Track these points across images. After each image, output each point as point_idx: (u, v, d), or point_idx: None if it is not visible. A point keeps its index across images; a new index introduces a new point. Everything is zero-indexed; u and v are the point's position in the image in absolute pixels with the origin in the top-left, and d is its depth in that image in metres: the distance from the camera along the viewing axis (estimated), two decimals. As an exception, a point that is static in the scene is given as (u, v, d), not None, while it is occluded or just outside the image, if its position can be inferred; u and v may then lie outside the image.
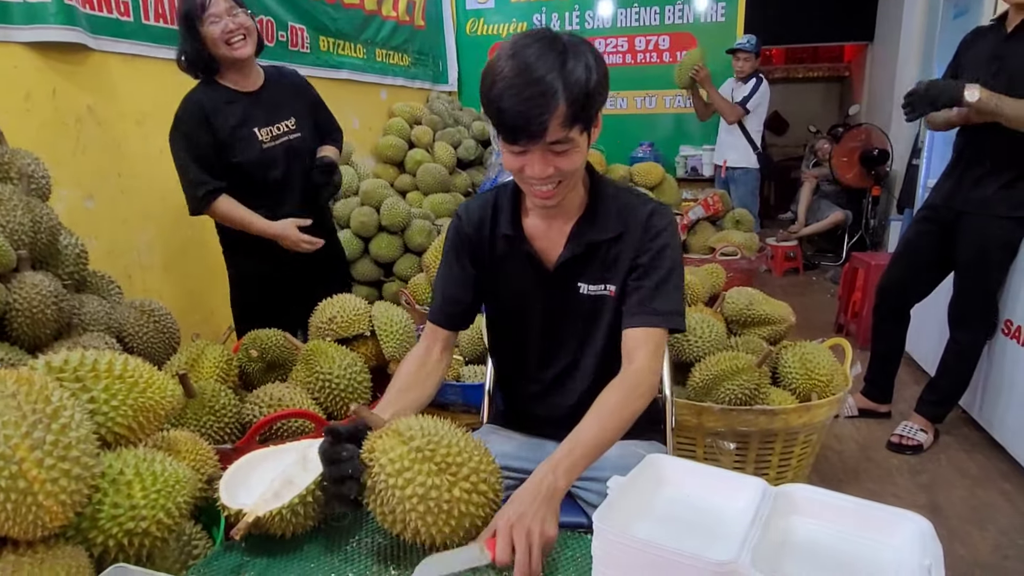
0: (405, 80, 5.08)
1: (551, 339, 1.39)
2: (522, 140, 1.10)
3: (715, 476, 0.97)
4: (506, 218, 1.33)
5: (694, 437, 2.18)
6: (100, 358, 1.06)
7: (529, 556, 0.93)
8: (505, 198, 1.34)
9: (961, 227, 2.61)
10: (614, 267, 1.30)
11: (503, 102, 1.08)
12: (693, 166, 5.96)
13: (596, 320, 1.35)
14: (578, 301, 1.33)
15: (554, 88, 1.06)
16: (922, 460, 2.73)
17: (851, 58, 8.62)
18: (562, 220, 1.31)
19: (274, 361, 2.00)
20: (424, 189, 4.42)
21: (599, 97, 1.13)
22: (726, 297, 2.47)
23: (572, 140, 1.12)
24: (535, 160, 1.13)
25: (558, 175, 1.16)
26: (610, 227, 1.29)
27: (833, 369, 2.19)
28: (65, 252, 1.81)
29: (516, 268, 1.35)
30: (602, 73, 1.13)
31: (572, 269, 1.31)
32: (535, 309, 1.37)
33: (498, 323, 1.48)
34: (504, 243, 1.34)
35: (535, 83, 1.05)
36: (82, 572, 0.87)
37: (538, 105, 1.06)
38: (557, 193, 1.20)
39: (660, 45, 5.79)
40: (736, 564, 0.74)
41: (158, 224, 2.90)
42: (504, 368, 1.54)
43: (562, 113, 1.07)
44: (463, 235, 1.37)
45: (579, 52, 1.10)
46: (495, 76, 1.09)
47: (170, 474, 1.01)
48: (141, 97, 2.78)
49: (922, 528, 0.82)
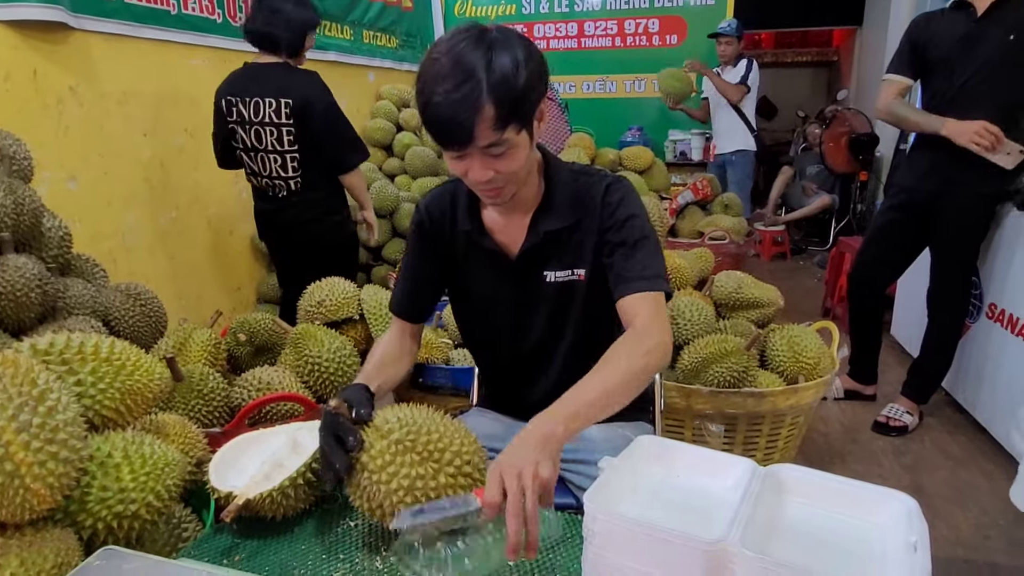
0: (393, 62, 5.03)
1: (520, 330, 1.37)
2: (453, 147, 1.08)
3: (705, 457, 0.98)
4: (463, 214, 1.31)
5: (682, 419, 2.19)
6: (86, 341, 1.05)
7: (522, 497, 0.84)
8: (462, 192, 1.31)
9: (938, 207, 2.63)
10: (579, 251, 1.29)
11: (429, 111, 1.05)
12: (682, 150, 5.96)
13: (566, 307, 1.33)
14: (544, 289, 1.31)
15: (477, 92, 1.01)
16: (906, 441, 2.77)
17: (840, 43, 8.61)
18: (520, 212, 1.29)
19: (263, 345, 1.99)
20: (412, 173, 4.39)
21: (532, 94, 1.08)
22: (715, 280, 2.49)
23: (508, 141, 1.07)
24: (474, 164, 1.10)
25: (500, 178, 1.12)
26: (567, 214, 1.27)
27: (820, 352, 2.21)
28: (49, 235, 1.79)
29: (480, 262, 1.34)
30: (534, 68, 1.07)
31: (535, 259, 1.29)
32: (503, 301, 1.35)
33: (467, 316, 1.47)
34: (464, 238, 1.32)
35: (456, 88, 1.01)
36: (71, 555, 0.87)
37: (463, 111, 1.02)
38: (504, 192, 1.17)
39: (650, 28, 5.76)
40: (726, 542, 0.75)
41: (143, 206, 2.87)
42: (478, 358, 1.55)
43: (490, 116, 1.03)
44: (425, 230, 1.35)
45: (507, 47, 1.04)
46: (421, 86, 1.06)
47: (159, 457, 1.01)
48: (124, 77, 2.73)
49: (908, 506, 0.83)
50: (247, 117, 2.48)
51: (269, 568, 0.98)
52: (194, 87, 3.08)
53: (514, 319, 1.36)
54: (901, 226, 2.80)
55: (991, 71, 2.42)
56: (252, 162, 2.57)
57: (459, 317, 1.49)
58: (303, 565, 0.98)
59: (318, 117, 2.47)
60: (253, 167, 2.58)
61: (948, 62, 2.50)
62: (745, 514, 0.80)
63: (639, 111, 5.97)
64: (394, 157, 4.50)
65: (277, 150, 2.50)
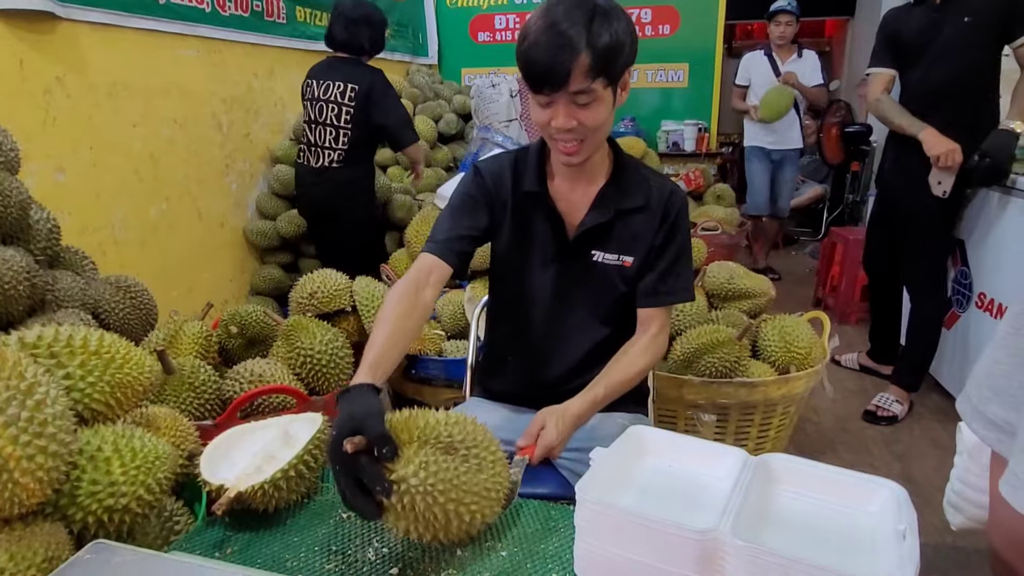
0: (384, 52, 4.98)
1: (557, 302, 1.39)
2: (546, 88, 1.16)
3: (696, 446, 0.98)
4: (531, 176, 1.34)
5: (675, 409, 2.20)
6: (75, 334, 1.04)
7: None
8: (529, 158, 1.36)
9: (901, 195, 2.79)
10: (633, 239, 1.34)
11: (530, 53, 1.14)
12: (675, 141, 5.95)
13: (604, 289, 1.37)
14: (591, 268, 1.35)
15: (578, 40, 1.11)
16: (896, 431, 2.79)
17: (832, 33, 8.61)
18: (586, 182, 1.34)
19: (254, 337, 1.98)
20: (405, 164, 4.36)
21: (624, 54, 1.16)
22: (707, 271, 2.49)
23: (594, 92, 1.15)
24: (559, 112, 1.17)
25: (582, 129, 1.19)
26: (636, 196, 1.33)
27: (812, 342, 2.22)
28: (37, 227, 1.77)
29: (535, 228, 1.37)
30: (629, 35, 1.17)
31: (591, 234, 1.33)
32: (547, 271, 1.38)
33: (504, 284, 1.47)
34: (527, 200, 1.35)
35: (560, 35, 1.11)
36: (61, 549, 0.86)
37: (561, 54, 1.11)
38: (582, 150, 1.23)
39: (643, 18, 5.73)
40: (717, 532, 0.75)
41: (132, 198, 2.84)
42: (499, 330, 1.53)
43: (584, 63, 1.12)
44: (482, 188, 1.37)
45: (608, 15, 1.14)
46: (526, 32, 1.16)
47: (150, 450, 1.00)
48: (113, 68, 2.70)
49: (897, 495, 0.83)
50: (316, 95, 3.04)
51: (261, 561, 0.98)
52: (184, 78, 3.05)
53: (553, 290, 1.38)
54: (885, 216, 2.96)
55: (951, 55, 2.53)
56: (310, 133, 3.08)
57: (497, 280, 1.50)
58: (295, 557, 0.98)
59: (379, 103, 3.04)
60: (310, 137, 3.09)
61: (915, 52, 2.63)
62: (736, 503, 0.81)
63: (632, 102, 5.95)
64: (386, 148, 4.46)
65: (334, 124, 3.03)
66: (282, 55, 3.81)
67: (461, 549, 0.98)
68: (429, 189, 4.17)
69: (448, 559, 0.96)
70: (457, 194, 1.39)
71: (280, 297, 3.71)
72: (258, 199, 3.73)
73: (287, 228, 3.65)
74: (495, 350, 1.56)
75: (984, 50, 2.52)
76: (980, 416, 0.84)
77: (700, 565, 0.76)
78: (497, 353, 1.55)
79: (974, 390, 0.86)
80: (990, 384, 0.82)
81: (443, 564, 0.95)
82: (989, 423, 0.82)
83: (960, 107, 2.56)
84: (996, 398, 0.81)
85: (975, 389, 0.86)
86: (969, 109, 2.56)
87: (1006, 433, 0.77)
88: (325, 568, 0.95)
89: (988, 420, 0.82)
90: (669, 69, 5.61)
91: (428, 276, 1.26)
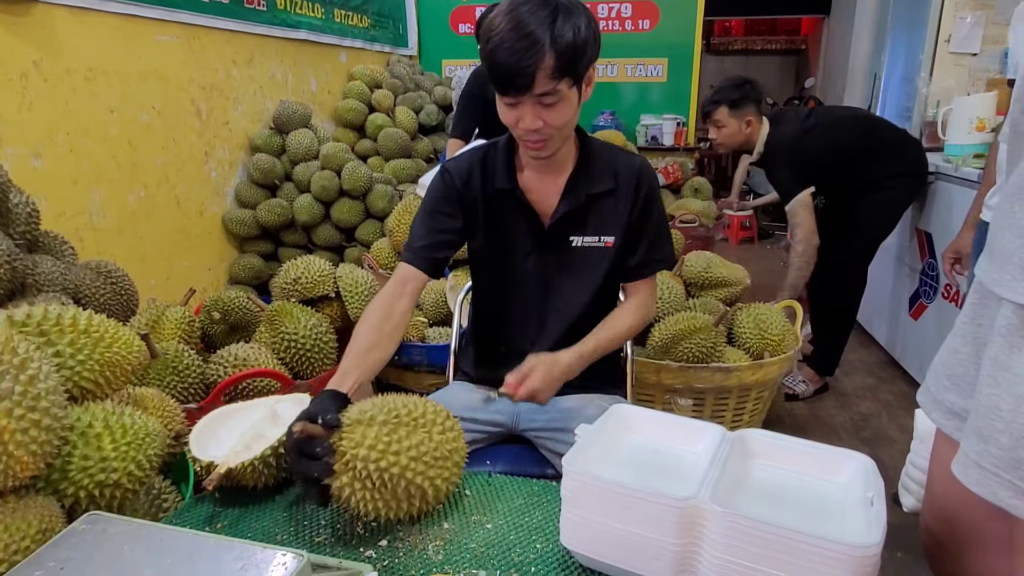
0: (364, 42, 4.97)
1: (543, 290, 1.42)
2: (512, 91, 1.17)
3: (677, 423, 1.02)
4: (502, 173, 1.36)
5: (653, 394, 2.25)
6: (64, 312, 1.04)
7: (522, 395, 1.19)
8: (498, 154, 1.38)
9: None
10: (609, 219, 1.37)
11: (495, 56, 1.14)
12: (653, 135, 6.00)
13: (588, 270, 1.40)
14: (572, 252, 1.38)
15: (541, 41, 1.11)
16: (866, 417, 2.87)
17: (808, 31, 8.74)
18: (555, 174, 1.36)
19: (237, 323, 1.99)
20: (385, 154, 4.36)
21: (587, 52, 1.18)
22: (685, 260, 2.54)
23: (560, 92, 1.17)
24: (526, 112, 1.19)
25: (548, 129, 1.21)
26: (604, 180, 1.36)
27: (785, 330, 2.28)
28: (16, 211, 1.76)
29: (510, 222, 1.39)
30: (592, 32, 1.18)
31: (567, 221, 1.36)
32: (528, 262, 1.40)
33: (486, 275, 1.50)
34: (499, 197, 1.37)
35: (524, 37, 1.12)
36: (54, 521, 0.88)
37: (526, 57, 1.12)
38: (548, 145, 1.25)
39: (622, 13, 5.77)
40: (697, 499, 0.79)
41: (110, 185, 2.81)
42: (484, 319, 1.56)
43: (549, 65, 1.13)
44: (452, 188, 1.39)
45: (570, 12, 1.15)
46: (490, 33, 1.16)
47: (140, 427, 1.01)
48: (90, 52, 2.67)
49: (865, 465, 0.88)
50: None
51: (252, 535, 0.99)
52: (162, 64, 3.02)
53: (535, 278, 1.41)
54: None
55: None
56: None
57: (479, 272, 1.52)
58: (285, 531, 1.00)
59: None
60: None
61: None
62: (715, 474, 0.84)
63: (612, 95, 6.00)
64: (367, 138, 4.46)
65: None
66: (262, 43, 3.78)
67: (448, 522, 1.00)
68: (410, 180, 4.18)
69: (435, 532, 0.98)
70: (429, 197, 1.41)
71: (260, 286, 3.69)
72: (237, 187, 3.70)
73: (267, 217, 3.63)
74: (479, 336, 1.58)
75: None
76: (939, 405, 0.88)
77: (681, 531, 0.80)
78: (481, 339, 1.57)
79: (933, 381, 0.90)
80: (948, 374, 0.87)
81: (430, 536, 0.97)
82: (947, 412, 0.86)
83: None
84: (954, 387, 0.85)
85: (934, 380, 0.90)
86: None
87: (963, 420, 0.80)
88: (315, 541, 0.97)
89: (947, 409, 0.87)
90: (649, 64, 5.65)
91: (404, 287, 1.34)
